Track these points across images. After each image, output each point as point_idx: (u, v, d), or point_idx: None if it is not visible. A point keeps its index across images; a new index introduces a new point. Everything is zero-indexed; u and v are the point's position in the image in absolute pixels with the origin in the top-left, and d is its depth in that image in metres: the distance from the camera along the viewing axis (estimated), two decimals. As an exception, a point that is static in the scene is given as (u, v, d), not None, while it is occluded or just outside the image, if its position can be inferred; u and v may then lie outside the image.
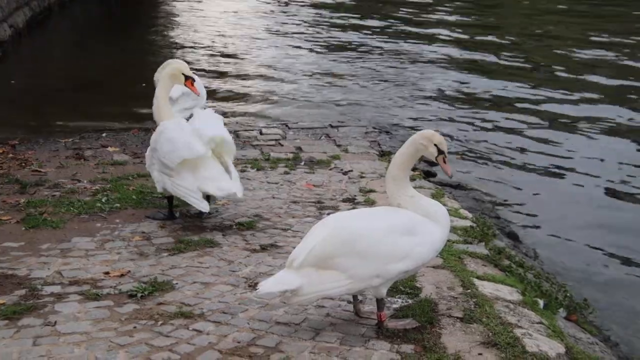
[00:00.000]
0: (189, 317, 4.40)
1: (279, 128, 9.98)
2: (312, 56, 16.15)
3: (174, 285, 4.85)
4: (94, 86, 12.61)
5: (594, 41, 18.04)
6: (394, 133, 10.46)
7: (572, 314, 5.51)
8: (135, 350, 4.00)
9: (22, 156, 8.13)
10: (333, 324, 4.36)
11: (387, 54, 16.31)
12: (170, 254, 5.44)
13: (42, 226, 5.91)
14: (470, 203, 8.02)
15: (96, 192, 6.85)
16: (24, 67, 14.18)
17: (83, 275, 5.00)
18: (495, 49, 17.00)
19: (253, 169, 7.84)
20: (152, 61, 13.08)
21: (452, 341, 4.17)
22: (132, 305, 4.55)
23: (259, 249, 5.56)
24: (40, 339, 4.12)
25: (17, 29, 15.91)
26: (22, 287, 4.78)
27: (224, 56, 15.95)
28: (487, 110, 12.14)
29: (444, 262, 5.31)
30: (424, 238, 4.12)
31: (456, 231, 6.11)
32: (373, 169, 7.94)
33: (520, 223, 8.00)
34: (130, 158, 8.22)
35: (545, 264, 7.07)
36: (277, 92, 13.01)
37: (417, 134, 4.31)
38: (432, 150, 4.24)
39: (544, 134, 10.91)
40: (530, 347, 4.15)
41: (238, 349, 4.05)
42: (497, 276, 5.30)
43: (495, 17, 22.50)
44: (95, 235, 5.79)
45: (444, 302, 4.66)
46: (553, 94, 13.12)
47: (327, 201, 6.80)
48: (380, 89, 13.34)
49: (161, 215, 6.25)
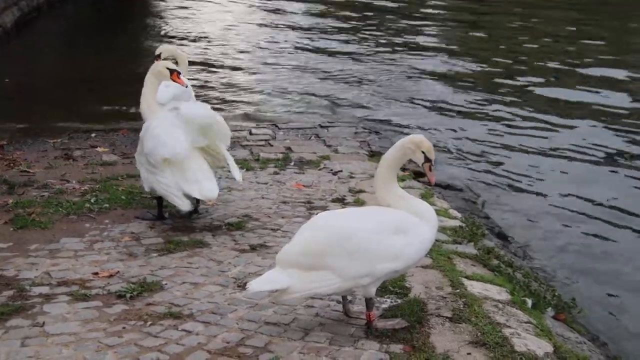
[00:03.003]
0: (178, 318, 4.39)
1: (269, 128, 9.98)
2: (302, 57, 16.15)
3: (163, 286, 4.85)
4: (83, 86, 12.54)
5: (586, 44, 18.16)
6: (384, 133, 10.48)
7: (560, 313, 5.54)
8: (124, 351, 4.00)
9: (10, 156, 8.09)
10: (322, 324, 4.36)
11: (378, 55, 16.33)
12: (159, 254, 5.43)
13: (31, 227, 5.89)
14: (460, 203, 8.05)
15: (85, 192, 6.83)
16: (13, 67, 14.08)
17: (72, 276, 4.98)
18: (489, 51, 17.04)
19: (242, 169, 7.82)
20: (142, 61, 13.05)
21: (441, 341, 4.18)
22: (121, 306, 4.54)
23: (249, 249, 5.56)
24: (29, 340, 4.10)
25: (5, 28, 15.82)
26: (10, 288, 4.75)
27: (215, 55, 15.91)
28: (476, 112, 12.17)
29: (433, 262, 5.32)
30: (413, 237, 4.13)
31: (445, 231, 6.13)
32: (363, 169, 7.95)
33: (510, 223, 8.03)
34: (120, 158, 8.19)
35: (534, 263, 7.11)
36: (267, 92, 12.99)
37: (407, 137, 4.32)
38: (419, 156, 4.26)
39: (534, 135, 10.95)
40: (519, 346, 4.17)
41: (227, 350, 4.05)
42: (485, 276, 5.32)
43: (489, 17, 22.55)
44: (84, 236, 5.77)
45: (433, 301, 4.67)
46: (552, 93, 13.18)
47: (317, 201, 6.81)
48: (370, 89, 13.35)
49: (150, 216, 6.23)
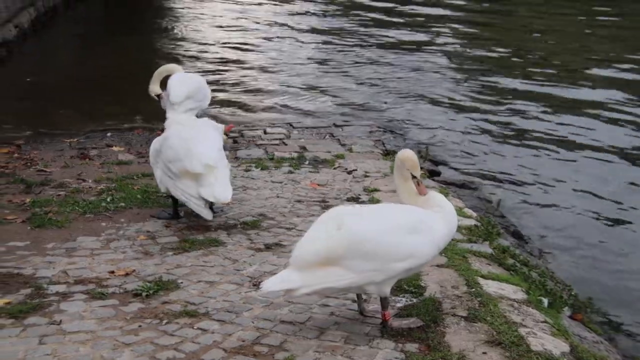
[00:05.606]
0: (193, 316, 4.41)
1: (284, 127, 9.99)
2: (317, 55, 16.15)
3: (179, 284, 4.87)
4: (99, 86, 12.64)
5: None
6: (398, 132, 10.46)
7: (577, 313, 5.51)
8: (141, 349, 4.02)
9: (27, 156, 8.16)
10: (337, 323, 4.36)
11: (393, 54, 16.27)
12: (175, 253, 5.46)
13: (48, 225, 5.93)
14: (475, 202, 8.02)
15: (101, 191, 6.87)
16: (30, 67, 14.21)
17: (88, 275, 5.02)
18: (505, 50, 16.94)
19: (257, 169, 7.85)
20: (156, 60, 13.12)
21: (456, 340, 4.17)
22: (137, 304, 4.57)
23: (264, 248, 5.57)
24: (46, 338, 4.13)
25: (22, 28, 15.95)
26: (27, 286, 4.79)
27: (229, 55, 15.96)
28: (491, 111, 12.12)
29: (448, 261, 5.31)
30: (428, 236, 4.12)
31: (460, 230, 6.10)
32: (377, 168, 7.94)
33: (525, 222, 7.99)
34: (135, 157, 8.24)
35: (550, 262, 7.07)
36: (281, 91, 13.01)
37: (397, 154, 4.36)
38: (406, 173, 4.26)
39: (550, 135, 10.86)
40: (535, 346, 4.15)
41: (243, 348, 4.06)
42: (501, 275, 5.29)
43: (505, 17, 22.42)
44: (101, 235, 5.81)
45: (448, 301, 4.65)
46: (563, 92, 13.09)
47: (332, 200, 6.81)
48: (385, 88, 13.32)
49: (166, 215, 6.26)
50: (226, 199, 5.86)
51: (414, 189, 4.29)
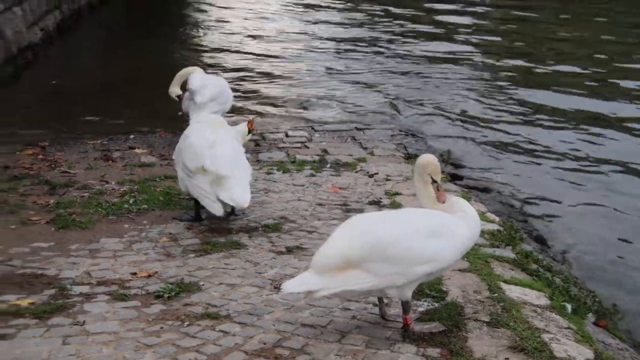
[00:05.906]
0: (215, 318, 4.42)
1: (305, 130, 10.00)
2: (338, 59, 16.13)
3: (201, 287, 4.89)
4: (122, 88, 12.73)
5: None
6: (420, 136, 10.42)
7: (601, 319, 5.44)
8: (163, 351, 4.04)
9: (51, 157, 8.24)
10: (359, 326, 4.35)
11: (414, 59, 16.20)
12: (196, 255, 5.48)
13: (72, 227, 5.99)
14: (497, 206, 7.97)
15: (124, 193, 6.93)
16: (55, 70, 14.35)
17: (111, 276, 5.06)
18: (527, 56, 16.77)
19: (279, 171, 7.86)
20: (177, 65, 13.16)
21: (478, 345, 4.14)
22: (159, 306, 4.59)
23: (285, 251, 5.58)
24: (70, 339, 4.17)
25: (47, 31, 16.12)
26: (51, 287, 4.84)
27: (251, 58, 15.99)
28: (514, 115, 12.01)
29: (470, 266, 5.27)
30: (451, 240, 4.10)
31: (483, 235, 6.05)
32: (399, 172, 7.91)
33: (548, 227, 7.90)
34: (158, 160, 8.29)
35: (574, 268, 6.98)
36: (303, 94, 12.99)
37: (419, 158, 4.36)
38: (427, 178, 4.25)
39: (574, 141, 10.69)
40: (559, 352, 4.11)
41: (264, 351, 4.06)
42: (524, 280, 5.25)
43: (529, 24, 22.23)
44: (123, 236, 5.85)
45: (470, 305, 4.62)
46: (592, 105, 12.81)
47: (353, 204, 6.80)
48: (407, 92, 13.25)
49: (188, 217, 6.30)
50: (245, 203, 5.86)
51: (433, 194, 4.27)
